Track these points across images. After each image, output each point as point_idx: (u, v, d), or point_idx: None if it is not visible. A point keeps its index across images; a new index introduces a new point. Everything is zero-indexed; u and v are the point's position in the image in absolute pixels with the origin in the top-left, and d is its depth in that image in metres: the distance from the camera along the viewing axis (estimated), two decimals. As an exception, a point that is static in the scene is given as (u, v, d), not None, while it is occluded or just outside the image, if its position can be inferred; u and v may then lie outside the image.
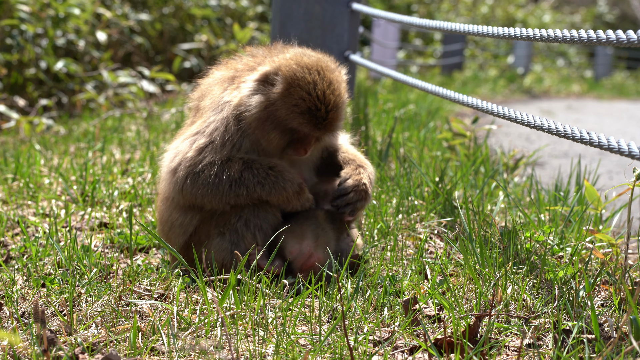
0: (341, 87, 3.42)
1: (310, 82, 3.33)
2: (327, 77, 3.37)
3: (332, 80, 3.38)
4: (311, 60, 3.41)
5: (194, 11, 12.42)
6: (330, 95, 3.35)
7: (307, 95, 3.33)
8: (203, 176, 3.36)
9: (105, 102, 9.38)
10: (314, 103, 3.32)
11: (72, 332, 2.89)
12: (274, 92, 3.35)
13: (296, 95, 3.32)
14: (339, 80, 3.42)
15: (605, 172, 7.39)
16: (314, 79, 3.34)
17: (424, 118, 8.60)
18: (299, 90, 3.33)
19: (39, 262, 3.63)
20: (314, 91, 3.33)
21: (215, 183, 3.36)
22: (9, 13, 9.40)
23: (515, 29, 3.39)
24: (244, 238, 3.42)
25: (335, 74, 3.43)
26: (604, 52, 25.28)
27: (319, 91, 3.33)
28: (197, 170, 3.37)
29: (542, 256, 3.45)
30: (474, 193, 4.79)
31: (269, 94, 3.35)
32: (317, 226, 3.48)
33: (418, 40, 23.06)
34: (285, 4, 6.19)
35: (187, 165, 3.39)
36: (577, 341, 2.83)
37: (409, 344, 2.83)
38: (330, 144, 3.63)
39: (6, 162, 5.63)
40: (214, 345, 2.79)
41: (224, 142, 3.40)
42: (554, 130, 3.02)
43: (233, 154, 3.40)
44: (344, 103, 3.42)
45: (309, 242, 3.44)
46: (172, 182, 3.44)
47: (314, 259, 3.42)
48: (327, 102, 3.34)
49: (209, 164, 3.37)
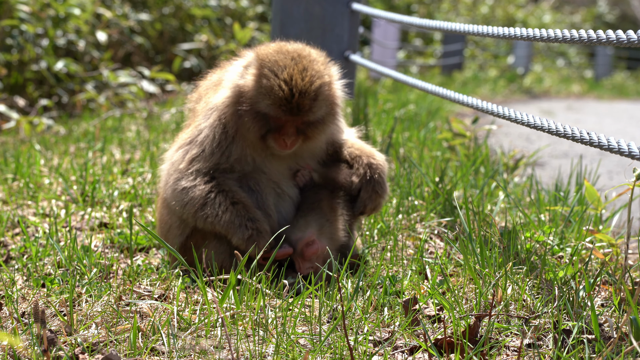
0: (318, 76, 3.34)
1: (280, 65, 3.32)
2: (301, 64, 3.33)
3: (307, 68, 3.33)
4: (292, 48, 3.40)
5: (194, 11, 12.42)
6: (299, 80, 3.30)
7: (273, 76, 3.31)
8: (182, 194, 3.43)
9: (106, 102, 9.38)
10: (279, 84, 3.30)
11: (72, 332, 2.89)
12: (248, 74, 3.38)
13: (265, 77, 3.32)
14: (317, 70, 3.36)
15: (605, 172, 7.39)
16: (286, 63, 3.33)
17: (424, 118, 8.60)
18: (268, 72, 3.32)
19: (39, 262, 3.63)
20: (281, 73, 3.31)
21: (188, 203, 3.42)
22: (9, 13, 9.40)
23: (515, 29, 3.38)
24: None
25: (316, 64, 3.37)
26: (604, 52, 25.27)
27: (286, 74, 3.30)
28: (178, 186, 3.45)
29: (542, 256, 3.45)
30: (474, 193, 4.79)
31: (245, 77, 3.39)
32: (321, 216, 3.49)
33: (418, 41, 23.06)
34: (285, 4, 6.19)
35: (175, 178, 3.46)
36: (577, 341, 2.83)
37: (409, 344, 2.83)
38: (332, 139, 3.61)
39: (6, 162, 5.63)
40: (214, 345, 2.79)
41: (213, 151, 3.44)
42: (554, 130, 3.02)
43: (222, 162, 3.43)
44: (319, 92, 3.34)
45: (312, 230, 3.45)
46: (163, 188, 3.54)
47: (316, 246, 3.41)
48: (294, 85, 3.29)
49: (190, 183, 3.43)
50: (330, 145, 3.62)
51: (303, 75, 3.31)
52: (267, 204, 3.48)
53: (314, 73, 3.33)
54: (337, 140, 3.64)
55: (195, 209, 3.39)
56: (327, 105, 3.40)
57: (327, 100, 3.39)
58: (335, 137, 3.63)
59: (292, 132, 3.37)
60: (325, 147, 3.61)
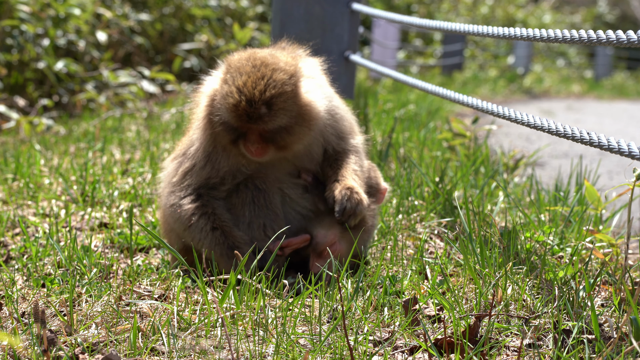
0: (274, 86, 3.30)
1: (239, 73, 3.32)
2: (261, 72, 3.31)
3: (265, 76, 3.30)
4: (261, 55, 3.39)
5: (194, 11, 12.42)
6: (250, 88, 3.28)
7: (231, 83, 3.32)
8: (173, 210, 3.50)
9: (106, 102, 9.38)
10: (232, 91, 3.30)
11: (72, 332, 2.89)
12: (217, 82, 3.41)
13: (226, 83, 3.33)
14: (275, 79, 3.31)
15: (605, 173, 7.39)
16: (245, 71, 3.32)
17: (424, 118, 8.60)
18: (228, 78, 3.33)
19: (39, 262, 3.63)
20: (237, 81, 3.31)
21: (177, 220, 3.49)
22: (9, 13, 9.40)
23: (515, 29, 3.38)
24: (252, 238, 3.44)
25: (279, 73, 3.33)
26: (604, 52, 25.26)
27: (241, 81, 3.30)
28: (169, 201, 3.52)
29: (542, 256, 3.45)
30: (474, 193, 4.79)
31: (215, 85, 3.43)
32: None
33: (418, 41, 23.06)
34: (285, 4, 6.19)
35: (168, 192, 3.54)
36: (577, 341, 2.83)
37: (409, 344, 2.83)
38: (328, 145, 3.59)
39: (6, 162, 5.63)
40: (214, 345, 2.79)
41: (204, 165, 3.49)
42: (554, 130, 3.02)
43: (212, 175, 3.47)
44: (274, 102, 3.29)
45: (335, 231, 3.47)
46: (161, 196, 3.62)
47: (335, 248, 3.44)
48: (245, 92, 3.28)
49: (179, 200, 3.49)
50: (328, 150, 3.60)
51: (257, 83, 3.29)
52: (274, 203, 3.48)
53: (270, 82, 3.30)
54: (337, 146, 3.60)
55: (183, 228, 3.47)
56: (290, 115, 3.34)
57: (288, 110, 3.33)
58: (333, 143, 3.59)
59: (255, 139, 3.35)
60: (321, 152, 3.58)
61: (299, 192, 3.55)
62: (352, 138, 3.68)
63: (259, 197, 3.47)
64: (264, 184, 3.48)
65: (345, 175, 3.52)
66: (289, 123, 3.34)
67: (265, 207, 3.46)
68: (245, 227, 3.44)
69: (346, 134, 3.66)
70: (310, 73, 3.58)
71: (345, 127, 3.67)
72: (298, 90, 3.37)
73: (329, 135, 3.59)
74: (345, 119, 3.69)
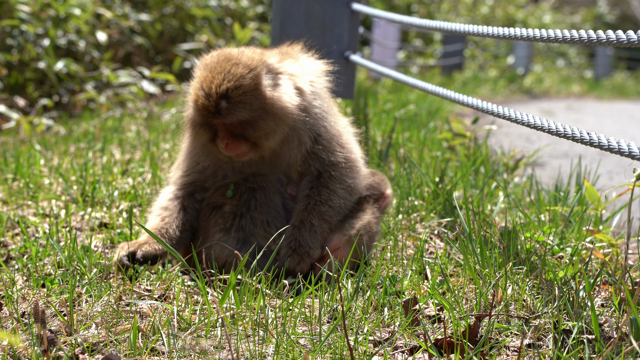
0: (230, 79, 3.33)
1: (204, 69, 3.40)
2: (221, 67, 3.37)
3: (224, 71, 3.35)
4: (228, 52, 3.44)
5: (194, 11, 12.42)
6: (208, 82, 3.34)
7: (196, 81, 3.40)
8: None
9: (106, 102, 9.38)
10: (194, 86, 3.39)
11: (72, 332, 2.89)
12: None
13: (193, 82, 3.42)
14: (234, 73, 3.34)
15: (605, 173, 7.39)
16: (209, 67, 3.38)
17: (424, 118, 8.60)
18: (196, 76, 3.42)
19: (39, 262, 3.63)
20: (201, 76, 3.38)
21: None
22: (9, 13, 9.40)
23: (515, 29, 3.38)
24: (254, 234, 3.45)
25: (238, 67, 3.36)
26: (604, 52, 25.26)
27: (202, 77, 3.37)
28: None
29: (542, 256, 3.45)
30: (474, 193, 4.79)
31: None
32: (358, 227, 3.53)
33: (418, 41, 23.06)
34: (285, 4, 6.19)
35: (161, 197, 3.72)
36: (577, 341, 2.83)
37: (409, 344, 2.83)
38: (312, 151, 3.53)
39: (6, 162, 5.62)
40: (214, 345, 2.79)
41: (190, 170, 3.62)
42: (554, 130, 3.02)
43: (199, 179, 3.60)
44: (231, 95, 3.32)
45: (340, 236, 3.47)
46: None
47: (338, 253, 3.44)
48: (204, 87, 3.34)
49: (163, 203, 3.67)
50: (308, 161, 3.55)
51: (214, 77, 3.34)
52: (275, 202, 3.50)
53: (227, 76, 3.34)
54: (319, 154, 3.54)
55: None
56: (251, 109, 3.35)
57: (247, 103, 3.34)
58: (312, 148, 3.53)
59: (224, 135, 3.38)
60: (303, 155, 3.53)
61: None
62: (339, 147, 3.59)
63: (261, 194, 3.48)
64: (265, 182, 3.50)
65: (304, 220, 3.46)
66: (251, 117, 3.35)
67: (267, 205, 3.47)
68: (248, 223, 3.45)
69: (329, 139, 3.57)
70: (297, 72, 3.53)
71: (327, 129, 3.58)
72: (259, 84, 3.37)
73: (303, 136, 3.52)
74: (327, 120, 3.60)
